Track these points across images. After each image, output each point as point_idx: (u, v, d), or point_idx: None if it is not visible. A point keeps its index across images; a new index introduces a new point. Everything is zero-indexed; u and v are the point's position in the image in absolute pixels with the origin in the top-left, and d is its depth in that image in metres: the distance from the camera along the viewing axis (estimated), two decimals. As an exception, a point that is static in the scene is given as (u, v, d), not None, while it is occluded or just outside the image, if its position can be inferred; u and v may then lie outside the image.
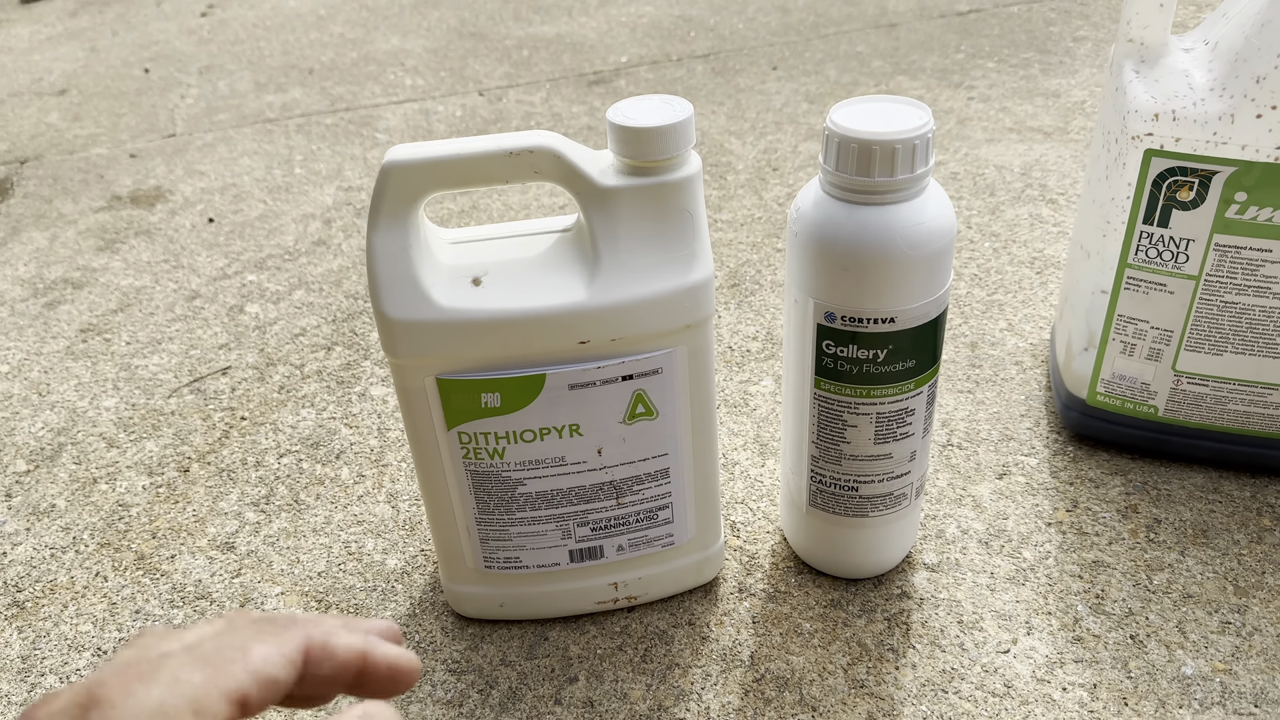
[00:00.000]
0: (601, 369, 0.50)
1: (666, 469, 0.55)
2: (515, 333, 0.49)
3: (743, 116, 1.26)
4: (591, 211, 0.49)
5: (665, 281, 0.49)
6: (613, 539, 0.56)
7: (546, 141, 0.48)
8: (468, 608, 0.60)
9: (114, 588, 0.65)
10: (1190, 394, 0.65)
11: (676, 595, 0.61)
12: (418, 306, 0.48)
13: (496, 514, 0.55)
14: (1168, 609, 0.59)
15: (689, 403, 0.53)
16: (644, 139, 0.47)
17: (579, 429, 0.52)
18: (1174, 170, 0.59)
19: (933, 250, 0.49)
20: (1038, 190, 1.04)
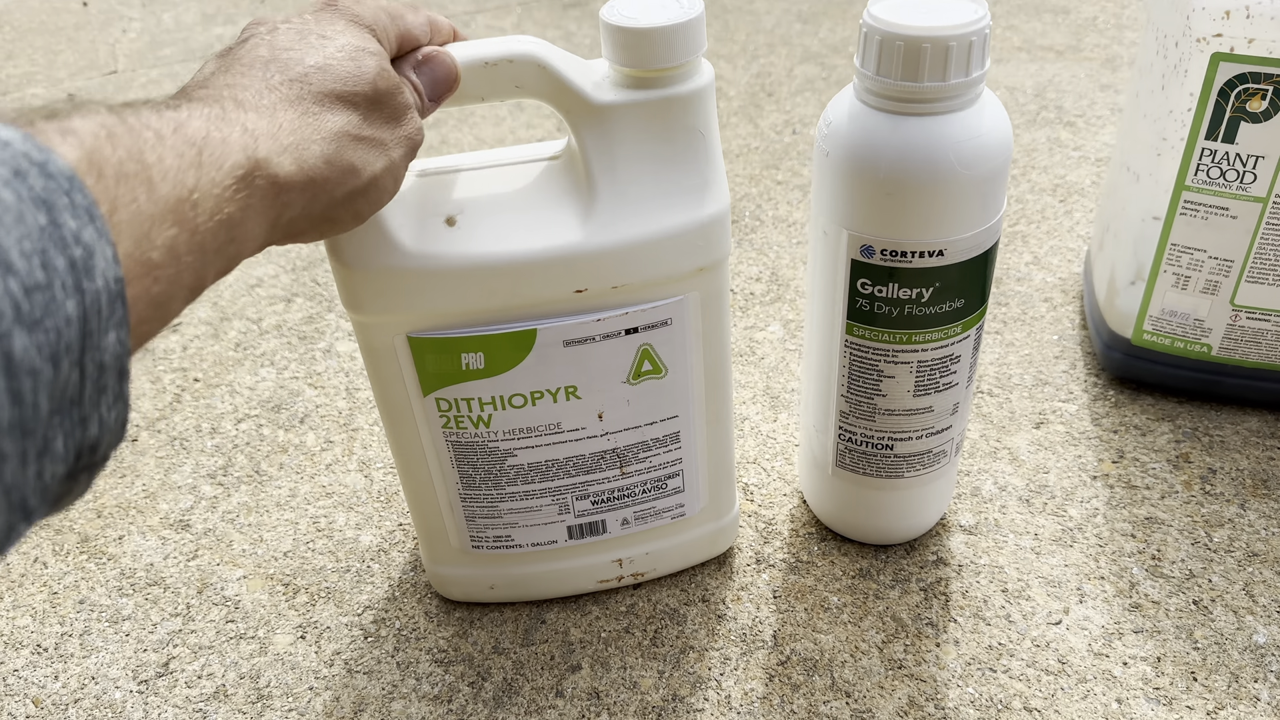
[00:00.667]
0: (601, 321, 0.43)
1: (676, 433, 0.48)
2: (500, 281, 0.41)
3: (731, 39, 1.18)
4: (585, 133, 0.41)
5: (674, 216, 0.42)
6: (616, 512, 0.49)
7: (530, 49, 0.40)
8: (454, 591, 0.53)
9: (55, 575, 0.58)
10: (1249, 330, 0.59)
11: (688, 569, 0.55)
12: (382, 253, 0.40)
13: (483, 489, 0.47)
14: (1232, 569, 0.53)
15: (702, 358, 0.46)
16: (647, 43, 0.39)
17: (576, 391, 0.45)
18: (1245, 76, 0.51)
19: (989, 169, 0.41)
20: (1054, 112, 0.97)
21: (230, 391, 0.70)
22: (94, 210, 0.22)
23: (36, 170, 0.21)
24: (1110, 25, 1.14)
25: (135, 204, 0.24)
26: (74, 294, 0.21)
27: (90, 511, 0.62)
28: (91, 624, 0.55)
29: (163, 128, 0.26)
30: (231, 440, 0.66)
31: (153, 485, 0.63)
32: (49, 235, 0.21)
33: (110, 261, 0.22)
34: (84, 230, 0.21)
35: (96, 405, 0.22)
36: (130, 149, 0.24)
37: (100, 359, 0.22)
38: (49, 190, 0.21)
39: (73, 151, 0.23)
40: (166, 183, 0.25)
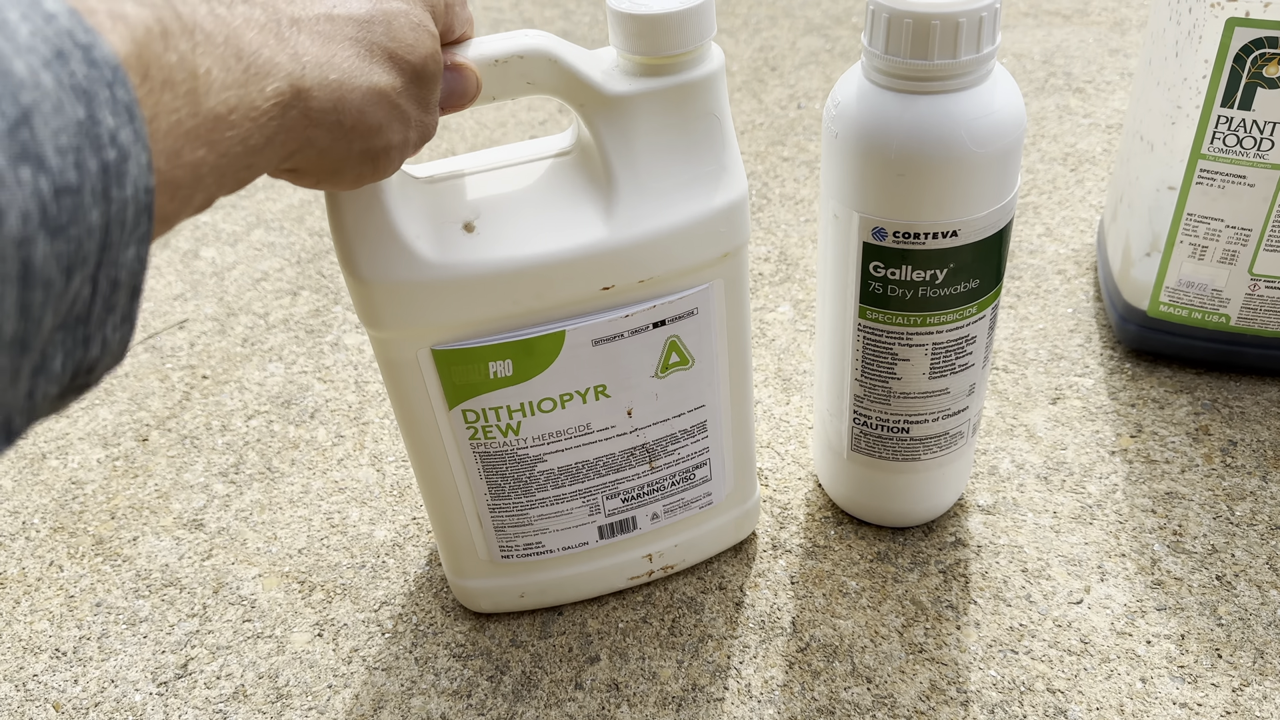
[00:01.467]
0: (630, 317, 0.42)
1: (704, 422, 0.47)
2: (525, 285, 0.40)
3: (733, 12, 1.16)
4: (600, 126, 0.40)
5: (697, 204, 0.41)
6: (646, 507, 0.49)
7: (539, 43, 0.38)
8: (483, 603, 0.52)
9: (71, 578, 0.58)
10: (1268, 299, 0.58)
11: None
12: (401, 265, 0.39)
13: (512, 498, 0.47)
14: (1255, 543, 0.52)
15: (726, 345, 0.46)
16: (660, 29, 0.38)
17: (605, 390, 0.44)
18: (1261, 41, 0.50)
19: (1003, 146, 0.41)
20: (1062, 79, 0.95)
21: (239, 388, 0.70)
22: (135, 110, 0.20)
23: (80, 54, 0.19)
24: (1118, -13, 1.11)
25: (176, 115, 0.22)
26: (100, 201, 0.19)
27: (104, 513, 0.61)
28: (109, 627, 0.54)
29: (216, 32, 0.24)
30: (242, 437, 0.66)
31: (165, 485, 0.63)
32: (84, 132, 0.19)
33: (143, 170, 0.21)
34: (121, 131, 0.20)
35: (102, 324, 0.21)
36: (182, 54, 0.22)
37: (115, 275, 0.21)
38: (91, 80, 0.19)
39: (122, 43, 0.21)
40: (210, 98, 0.23)
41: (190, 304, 0.79)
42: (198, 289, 0.80)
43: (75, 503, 0.63)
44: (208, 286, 0.81)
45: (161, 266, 0.84)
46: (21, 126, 0.18)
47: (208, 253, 0.85)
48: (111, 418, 0.69)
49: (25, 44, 0.18)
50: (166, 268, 0.83)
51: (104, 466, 0.65)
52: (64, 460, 0.66)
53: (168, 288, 0.81)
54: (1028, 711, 0.46)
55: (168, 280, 0.82)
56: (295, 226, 0.87)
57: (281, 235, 0.86)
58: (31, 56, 0.18)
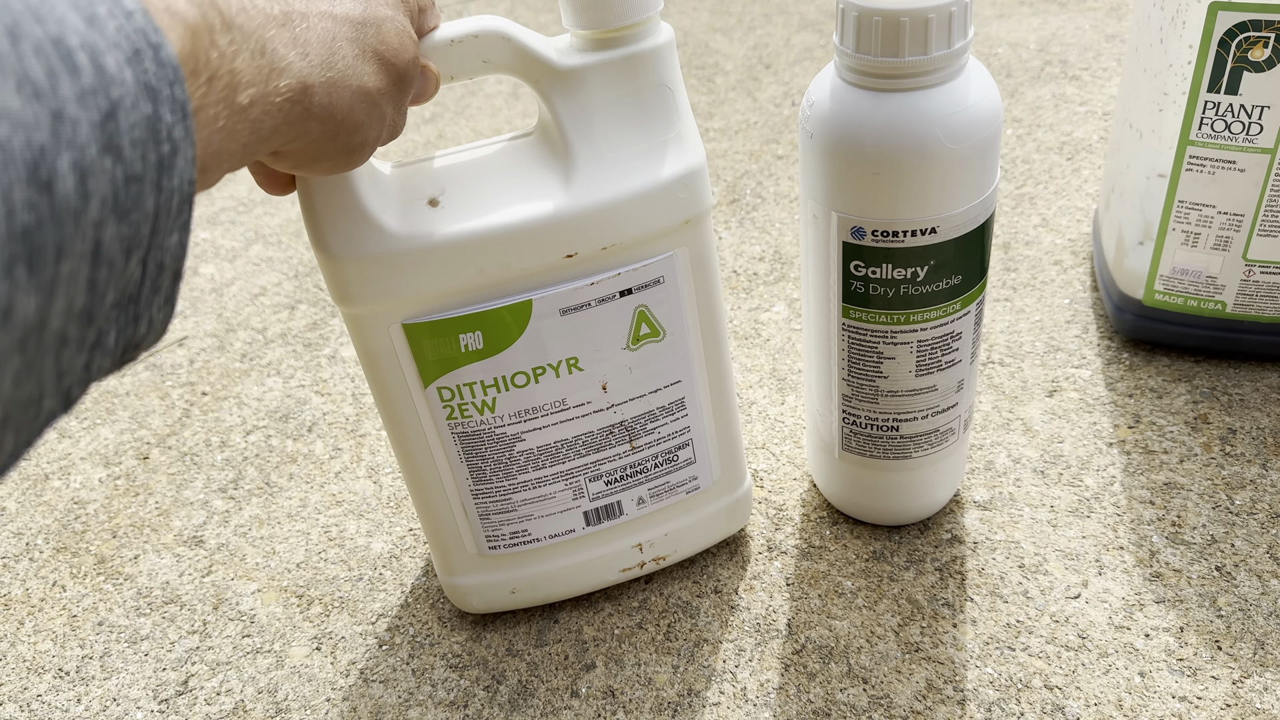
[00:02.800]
0: (595, 285, 0.43)
1: (682, 399, 0.47)
2: (490, 254, 0.41)
3: (727, 11, 1.16)
4: (556, 100, 0.41)
5: (655, 171, 0.42)
6: (631, 490, 0.49)
7: (492, 25, 0.40)
8: (475, 602, 0.52)
9: (73, 598, 0.58)
10: (1264, 285, 0.57)
11: (699, 560, 0.55)
12: (369, 240, 0.40)
13: (494, 480, 0.47)
14: (1255, 532, 0.52)
15: (697, 316, 0.46)
16: (604, 2, 0.39)
17: (578, 363, 0.44)
18: (1245, 25, 0.50)
19: (978, 141, 0.40)
20: (1058, 67, 0.94)
21: (238, 403, 0.70)
22: (187, 108, 0.22)
23: (152, 54, 0.21)
24: (1114, -28, 1.11)
25: (214, 110, 0.24)
26: (154, 190, 0.21)
27: (105, 532, 0.62)
28: (111, 645, 0.55)
29: (247, 27, 0.26)
30: (241, 453, 0.66)
31: (165, 502, 0.63)
32: (150, 128, 0.20)
33: (189, 163, 0.22)
34: (175, 127, 0.21)
35: (150, 304, 0.22)
36: (222, 50, 0.24)
37: (161, 259, 0.22)
38: (159, 78, 0.21)
39: (179, 41, 0.22)
40: (240, 92, 0.25)
41: (190, 321, 0.79)
42: (197, 306, 0.81)
43: (77, 523, 0.63)
44: (207, 303, 0.81)
45: (161, 284, 0.84)
46: (110, 120, 0.19)
47: (206, 269, 0.86)
48: (113, 436, 0.69)
49: (112, 40, 0.20)
50: (166, 285, 0.84)
51: (105, 486, 0.65)
52: (66, 480, 0.66)
53: (167, 305, 0.82)
54: (1025, 709, 0.46)
55: (167, 298, 0.82)
56: (293, 241, 0.88)
57: (279, 250, 0.87)
58: (117, 53, 0.20)
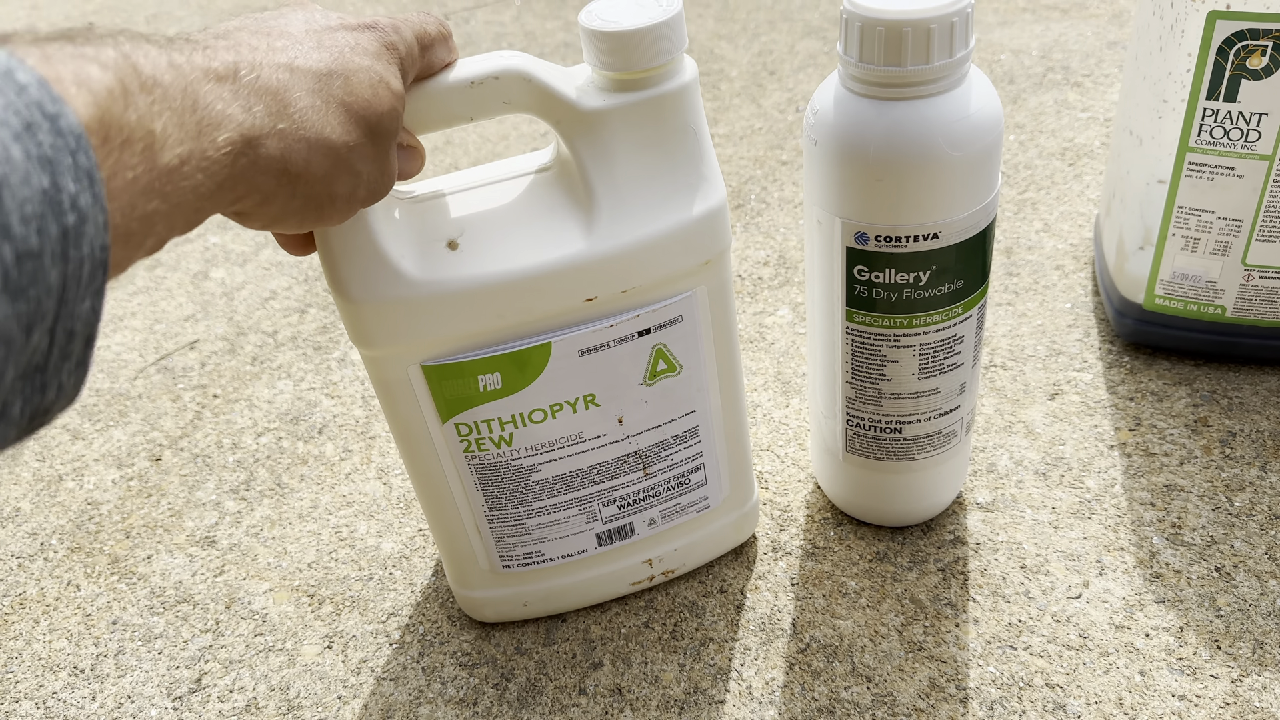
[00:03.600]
0: (614, 327, 0.43)
1: (695, 427, 0.48)
2: (509, 299, 0.41)
3: (732, 18, 1.17)
4: (577, 142, 0.41)
5: (675, 214, 0.41)
6: (643, 513, 0.50)
7: (513, 63, 0.39)
8: (487, 612, 0.53)
9: (88, 597, 0.59)
10: (1263, 289, 0.58)
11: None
12: (388, 285, 0.40)
13: (510, 508, 0.47)
14: (1254, 534, 0.52)
15: (713, 350, 0.46)
16: (629, 45, 0.39)
17: (595, 399, 0.44)
18: (1243, 34, 0.50)
19: (980, 148, 0.41)
20: (1060, 74, 0.95)
21: (249, 406, 0.71)
22: (94, 174, 0.21)
23: (48, 125, 0.20)
24: (1116, -21, 1.11)
25: (133, 173, 0.23)
26: (59, 262, 0.20)
27: (119, 533, 0.63)
28: (125, 644, 0.56)
29: (173, 85, 0.25)
30: (252, 455, 0.67)
31: (178, 504, 0.64)
32: (48, 200, 0.20)
33: (100, 230, 0.22)
34: (81, 196, 0.21)
35: (59, 371, 0.22)
36: (141, 112, 0.24)
37: (71, 326, 0.22)
38: (56, 149, 0.20)
39: (85, 108, 0.22)
40: (165, 153, 0.24)
41: (201, 324, 0.80)
42: (208, 309, 0.82)
43: (91, 523, 0.64)
44: (218, 307, 0.82)
45: (173, 288, 0.85)
46: None
47: (217, 273, 0.86)
48: (126, 439, 0.70)
49: None
50: (178, 289, 0.85)
51: (119, 487, 0.66)
52: (80, 482, 0.67)
53: (179, 309, 0.83)
54: (1026, 707, 0.46)
55: (179, 302, 0.83)
56: (302, 245, 0.89)
57: (289, 254, 0.88)
58: (3, 130, 0.19)
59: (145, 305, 0.84)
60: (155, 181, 0.24)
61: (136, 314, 0.83)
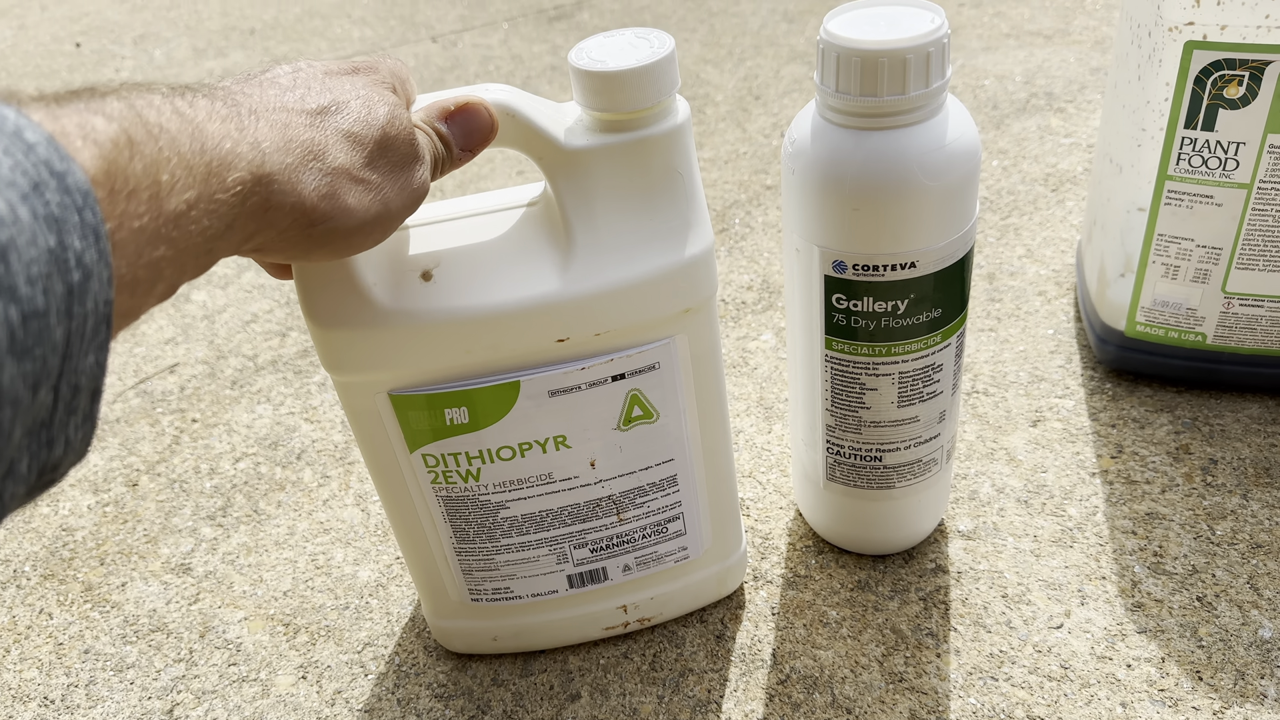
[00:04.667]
0: (586, 370, 0.42)
1: (674, 476, 0.47)
2: (479, 335, 0.40)
3: (718, 43, 1.17)
4: (559, 179, 0.40)
5: (655, 259, 0.41)
6: (617, 559, 0.49)
7: (500, 98, 0.39)
8: (457, 644, 0.52)
9: (60, 625, 0.58)
10: (1243, 317, 0.58)
11: (684, 588, 0.55)
12: (358, 312, 0.39)
13: (477, 542, 0.47)
14: (1235, 563, 0.52)
15: (694, 398, 0.45)
16: (617, 86, 0.38)
17: (565, 441, 0.44)
18: (1220, 64, 0.51)
19: (957, 178, 0.41)
20: (1044, 99, 0.96)
21: (228, 430, 0.71)
22: (100, 230, 0.22)
23: (55, 184, 0.20)
24: (1099, 6, 1.12)
25: (139, 222, 0.23)
26: (64, 320, 0.20)
27: (93, 559, 0.62)
28: (97, 674, 0.55)
29: (180, 131, 0.25)
30: (230, 480, 0.66)
31: (154, 530, 0.64)
32: (54, 259, 0.20)
33: (104, 285, 0.22)
34: (87, 253, 0.21)
35: (65, 426, 0.22)
36: (147, 163, 0.24)
37: (76, 381, 0.22)
38: (63, 207, 0.20)
39: (92, 163, 0.22)
40: (172, 199, 0.25)
41: (181, 348, 0.80)
42: (188, 333, 0.81)
43: (65, 550, 0.63)
44: (198, 330, 0.82)
45: (153, 312, 0.85)
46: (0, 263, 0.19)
47: (199, 296, 0.86)
48: (103, 463, 0.69)
49: (6, 178, 0.19)
50: (158, 312, 0.85)
51: (94, 513, 0.66)
52: (55, 507, 0.66)
53: (159, 332, 0.82)
54: (1007, 739, 0.46)
55: (159, 325, 0.83)
56: (285, 268, 0.88)
57: (271, 277, 0.87)
58: (11, 191, 0.19)
59: (126, 328, 0.83)
60: (163, 228, 0.24)
61: (116, 337, 0.82)
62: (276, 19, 1.48)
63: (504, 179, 0.96)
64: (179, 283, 0.27)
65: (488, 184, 0.96)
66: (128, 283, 0.24)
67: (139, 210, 0.23)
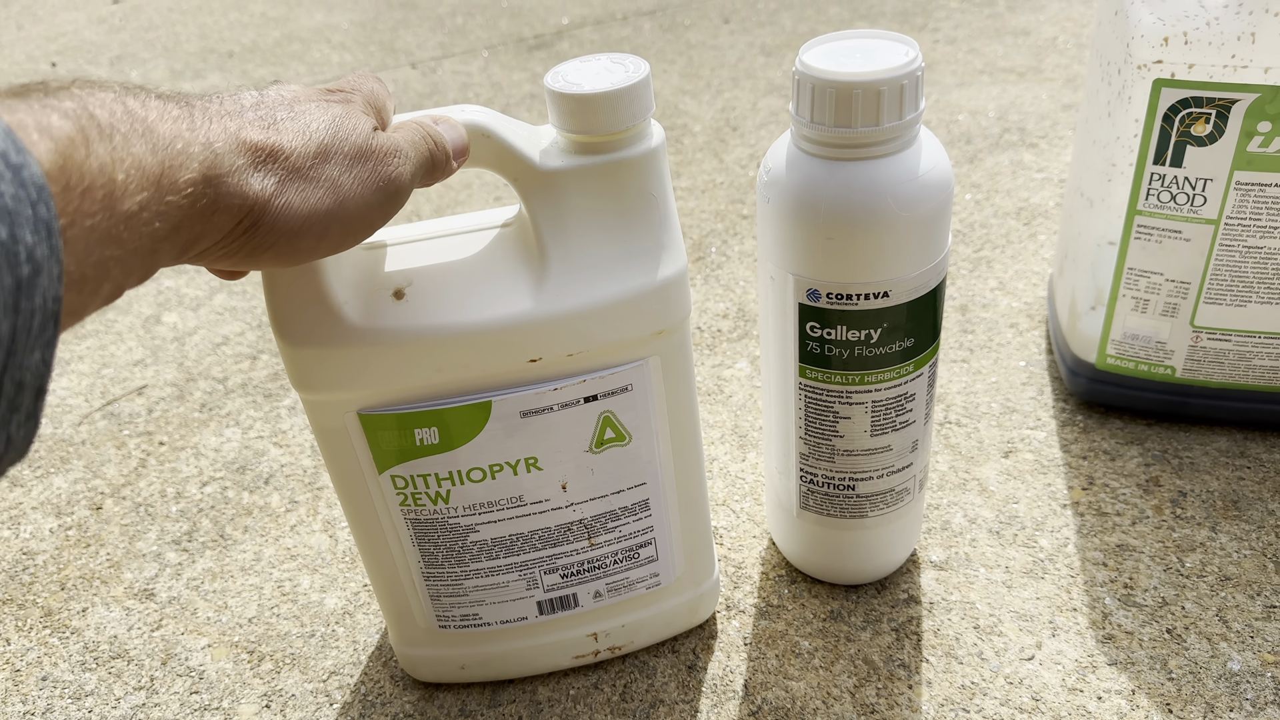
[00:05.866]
0: (559, 390, 0.42)
1: (646, 500, 0.46)
2: (450, 354, 0.40)
3: (696, 74, 1.18)
4: (534, 200, 0.40)
5: (628, 281, 0.41)
6: (588, 585, 0.48)
7: (475, 118, 0.39)
8: (424, 672, 0.51)
9: (17, 651, 0.57)
10: (1211, 351, 0.59)
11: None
12: (328, 330, 0.39)
13: (446, 566, 0.46)
14: (1205, 595, 0.52)
15: (667, 422, 0.45)
16: (592, 108, 0.38)
17: (537, 463, 0.43)
18: (1187, 101, 0.52)
19: (929, 209, 0.41)
20: (1016, 135, 0.97)
21: (195, 454, 0.70)
22: (53, 226, 0.21)
23: (10, 176, 0.20)
24: (1070, 45, 1.15)
25: (91, 220, 0.23)
26: (10, 314, 0.20)
27: (54, 584, 0.61)
28: (54, 701, 0.54)
29: (132, 131, 0.25)
30: (196, 504, 0.65)
31: (117, 554, 0.62)
32: (5, 252, 0.20)
33: (54, 281, 0.22)
34: (38, 248, 0.21)
35: (7, 423, 0.22)
36: (102, 160, 0.24)
37: (21, 378, 0.21)
38: (17, 200, 0.20)
39: (48, 156, 0.22)
40: (126, 200, 0.24)
41: (150, 369, 0.79)
42: (158, 354, 0.80)
43: (25, 574, 0.62)
44: (168, 352, 0.81)
45: (123, 332, 0.84)
46: None
47: (169, 318, 0.85)
48: (66, 486, 0.68)
49: None
50: (128, 333, 0.84)
51: (56, 536, 0.64)
52: (16, 530, 0.65)
53: (128, 353, 0.81)
54: (979, 772, 0.46)
55: (129, 346, 0.82)
56: (257, 290, 0.88)
57: (244, 299, 0.86)
58: None
59: (94, 349, 0.82)
60: (114, 228, 0.24)
61: (85, 358, 0.81)
62: (255, 42, 1.48)
63: (481, 204, 0.96)
64: (125, 286, 0.26)
65: (464, 209, 0.96)
66: (75, 280, 0.23)
67: (92, 209, 0.23)
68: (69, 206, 0.23)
